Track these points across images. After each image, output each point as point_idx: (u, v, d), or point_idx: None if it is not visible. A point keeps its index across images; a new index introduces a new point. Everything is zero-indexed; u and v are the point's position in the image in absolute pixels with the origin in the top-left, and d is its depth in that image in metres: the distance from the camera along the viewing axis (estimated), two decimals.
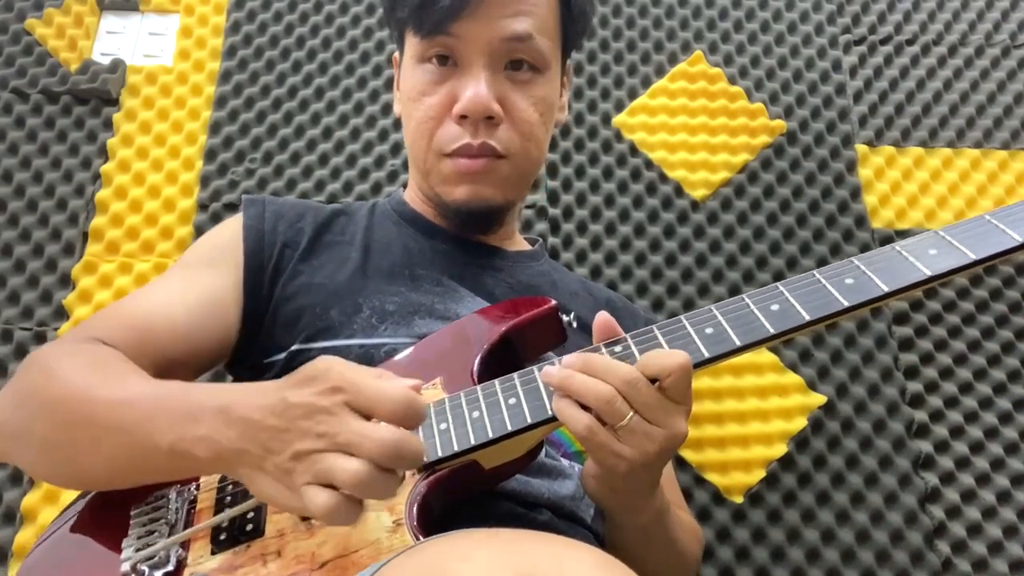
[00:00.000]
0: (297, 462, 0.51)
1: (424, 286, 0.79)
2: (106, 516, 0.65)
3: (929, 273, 0.55)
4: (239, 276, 0.78)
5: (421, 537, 0.55)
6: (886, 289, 0.56)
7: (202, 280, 0.77)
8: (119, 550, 0.61)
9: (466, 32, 0.75)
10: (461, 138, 0.77)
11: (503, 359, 0.68)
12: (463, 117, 0.76)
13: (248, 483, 0.54)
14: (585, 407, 0.57)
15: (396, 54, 0.88)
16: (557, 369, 0.59)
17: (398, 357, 0.71)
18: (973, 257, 0.55)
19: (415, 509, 0.57)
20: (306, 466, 0.50)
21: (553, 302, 0.71)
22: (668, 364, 0.56)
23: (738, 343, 0.57)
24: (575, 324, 0.79)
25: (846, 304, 0.56)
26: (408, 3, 0.77)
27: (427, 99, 0.78)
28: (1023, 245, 0.55)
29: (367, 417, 0.51)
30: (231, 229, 0.81)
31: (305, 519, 0.58)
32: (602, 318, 0.63)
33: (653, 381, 0.57)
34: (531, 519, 0.68)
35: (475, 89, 0.75)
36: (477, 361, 0.67)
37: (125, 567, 0.59)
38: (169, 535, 0.61)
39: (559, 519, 0.71)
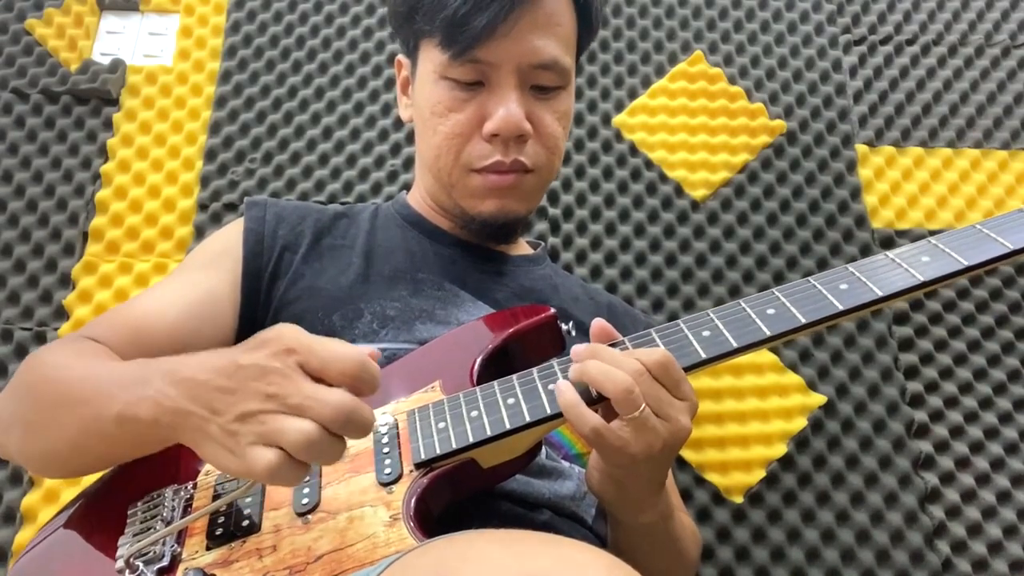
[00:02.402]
0: (242, 423, 0.50)
1: (425, 290, 0.79)
2: (102, 515, 0.65)
3: (922, 279, 0.57)
4: (237, 277, 0.78)
5: (417, 531, 0.55)
6: (880, 294, 0.57)
7: (201, 281, 0.78)
8: (115, 547, 0.61)
9: (496, 56, 0.74)
10: (492, 155, 0.77)
11: (502, 366, 0.68)
12: (494, 135, 0.76)
13: (194, 447, 0.54)
14: (592, 398, 0.58)
15: (400, 57, 0.86)
16: (585, 346, 0.59)
17: (397, 361, 0.71)
18: (965, 263, 0.57)
19: (412, 503, 0.57)
20: (252, 427, 0.50)
21: (552, 310, 0.72)
22: (648, 360, 0.57)
23: (734, 344, 0.58)
24: (574, 332, 0.80)
25: (840, 307, 0.58)
26: (435, 19, 0.74)
27: (454, 115, 0.77)
28: (1013, 252, 0.57)
29: (319, 381, 0.51)
30: (233, 231, 0.82)
31: (301, 514, 0.58)
32: (599, 323, 0.63)
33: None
34: (531, 519, 0.69)
35: (507, 109, 0.75)
36: (476, 365, 0.67)
37: (119, 563, 0.59)
38: None
39: (560, 519, 0.71)
